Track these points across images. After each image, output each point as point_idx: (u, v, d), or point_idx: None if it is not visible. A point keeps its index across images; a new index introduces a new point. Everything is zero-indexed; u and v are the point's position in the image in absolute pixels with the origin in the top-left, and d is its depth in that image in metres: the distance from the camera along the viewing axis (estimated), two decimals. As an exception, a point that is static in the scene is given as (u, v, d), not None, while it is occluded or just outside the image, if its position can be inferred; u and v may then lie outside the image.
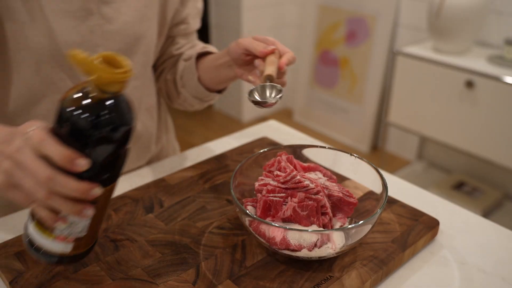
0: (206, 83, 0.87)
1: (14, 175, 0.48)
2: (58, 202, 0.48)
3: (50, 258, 0.54)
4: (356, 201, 0.67)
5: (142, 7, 0.79)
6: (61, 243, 0.52)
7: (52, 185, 0.46)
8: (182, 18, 0.90)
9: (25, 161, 0.47)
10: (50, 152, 0.46)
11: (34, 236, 0.52)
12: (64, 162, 0.46)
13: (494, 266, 0.67)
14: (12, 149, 0.48)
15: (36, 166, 0.46)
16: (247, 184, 0.70)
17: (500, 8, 1.98)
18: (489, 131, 1.81)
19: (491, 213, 2.04)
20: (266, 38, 0.72)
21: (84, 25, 0.73)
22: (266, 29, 2.90)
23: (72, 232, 0.52)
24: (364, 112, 2.65)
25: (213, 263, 0.63)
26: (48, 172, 0.46)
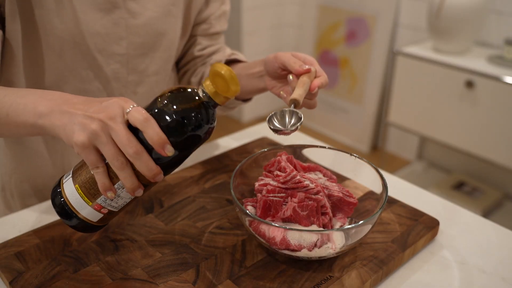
0: None
1: (99, 138, 0.51)
2: (126, 174, 0.52)
3: (72, 219, 0.57)
4: (356, 201, 0.67)
5: (168, 4, 0.80)
6: (94, 212, 0.56)
7: (135, 159, 0.51)
8: (204, 18, 0.89)
9: (119, 130, 0.51)
10: (151, 131, 0.51)
11: (71, 196, 0.56)
12: (158, 144, 0.51)
13: (494, 266, 0.67)
14: (105, 115, 0.52)
15: (129, 137, 0.51)
16: (247, 184, 0.70)
17: (500, 8, 1.98)
18: (489, 131, 1.81)
19: (491, 213, 2.04)
20: (305, 56, 0.71)
21: (109, 17, 0.74)
22: (266, 29, 2.90)
23: (110, 205, 0.57)
24: (364, 112, 2.64)
25: (213, 263, 0.63)
26: (138, 146, 0.51)
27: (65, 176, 0.58)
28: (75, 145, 0.52)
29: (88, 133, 0.51)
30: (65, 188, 0.56)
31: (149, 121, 0.52)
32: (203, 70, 0.91)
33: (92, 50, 0.75)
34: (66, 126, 0.53)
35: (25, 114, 0.57)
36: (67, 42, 0.73)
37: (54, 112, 0.55)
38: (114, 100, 0.53)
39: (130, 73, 0.81)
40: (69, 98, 0.56)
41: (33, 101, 0.57)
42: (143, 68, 0.82)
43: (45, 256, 0.64)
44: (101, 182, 0.53)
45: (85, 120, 0.52)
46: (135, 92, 0.83)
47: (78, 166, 0.57)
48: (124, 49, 0.78)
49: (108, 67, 0.78)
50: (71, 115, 0.53)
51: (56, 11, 0.70)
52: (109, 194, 0.54)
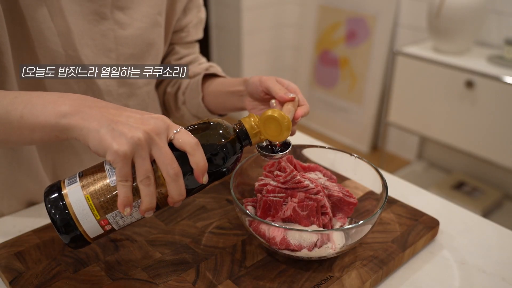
0: (209, 106, 0.86)
1: (142, 150, 0.49)
2: (149, 192, 0.50)
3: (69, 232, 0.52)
4: (356, 201, 0.67)
5: (155, 14, 0.80)
6: (97, 227, 0.53)
7: (172, 180, 0.50)
8: (182, 26, 0.89)
9: (164, 147, 0.50)
10: (199, 156, 0.51)
11: (77, 205, 0.51)
12: (201, 170, 0.52)
13: (494, 266, 0.67)
14: (151, 128, 0.50)
15: (172, 157, 0.50)
16: (247, 184, 0.70)
17: (500, 8, 1.98)
18: (489, 131, 1.81)
19: (491, 213, 2.04)
20: (289, 84, 0.70)
21: (97, 28, 0.74)
22: (266, 29, 2.90)
23: (116, 222, 0.54)
24: (364, 112, 2.64)
25: (213, 263, 0.63)
26: (179, 169, 0.50)
27: (67, 182, 0.53)
28: (114, 153, 0.47)
29: (132, 144, 0.48)
30: (70, 196, 0.51)
31: (199, 146, 0.51)
32: (180, 81, 0.91)
33: (83, 62, 0.73)
34: (101, 129, 0.48)
35: (45, 114, 0.51)
36: (59, 55, 0.71)
37: (81, 112, 0.50)
38: (158, 116, 0.52)
39: (120, 86, 0.80)
40: (96, 100, 0.53)
41: (54, 100, 0.52)
42: (133, 80, 0.81)
43: (45, 256, 0.64)
44: (124, 196, 0.49)
45: (127, 128, 0.48)
46: (127, 105, 0.82)
47: (89, 174, 0.53)
48: (113, 61, 0.77)
49: (100, 80, 0.76)
50: (105, 119, 0.49)
51: (48, 22, 0.68)
52: (127, 210, 0.50)
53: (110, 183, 0.51)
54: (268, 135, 0.58)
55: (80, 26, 0.72)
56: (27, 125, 0.52)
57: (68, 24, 0.70)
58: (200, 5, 0.91)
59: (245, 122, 0.58)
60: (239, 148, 0.57)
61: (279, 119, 0.57)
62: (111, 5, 0.74)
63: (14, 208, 0.80)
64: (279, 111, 0.57)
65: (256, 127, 0.58)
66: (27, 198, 0.81)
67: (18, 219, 0.75)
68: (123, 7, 0.76)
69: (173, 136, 0.51)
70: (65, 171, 0.83)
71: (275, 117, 0.57)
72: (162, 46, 0.84)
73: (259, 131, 0.58)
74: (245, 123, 0.58)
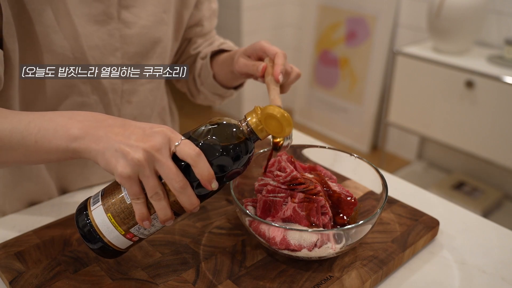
0: (221, 81, 0.88)
1: (144, 170, 0.50)
2: (162, 206, 0.51)
3: (98, 245, 0.55)
4: (356, 201, 0.67)
5: (160, 12, 0.80)
6: (125, 240, 0.55)
7: (180, 193, 0.51)
8: (196, 21, 0.91)
9: (166, 163, 0.50)
10: (202, 167, 0.51)
11: (102, 225, 0.54)
12: (207, 179, 0.51)
13: (494, 266, 0.67)
14: (151, 146, 0.50)
15: (177, 171, 0.51)
16: (247, 184, 0.70)
17: (500, 8, 1.98)
18: (489, 131, 1.81)
19: (491, 213, 2.04)
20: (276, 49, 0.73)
21: (104, 29, 0.74)
22: (266, 29, 2.90)
23: (142, 233, 0.56)
24: (364, 112, 2.64)
25: (213, 263, 0.63)
26: (185, 181, 0.51)
27: (92, 201, 0.56)
28: (119, 176, 0.50)
29: (133, 165, 0.49)
30: (95, 217, 0.54)
31: (200, 157, 0.51)
32: (195, 65, 0.93)
33: (91, 63, 0.74)
34: (106, 152, 0.51)
35: (56, 138, 0.54)
36: (67, 58, 0.71)
37: (89, 135, 0.52)
38: (159, 130, 0.52)
39: (124, 83, 0.80)
40: (102, 119, 0.54)
41: (63, 124, 0.54)
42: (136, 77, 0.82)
43: (45, 256, 0.64)
44: (140, 212, 0.52)
45: (129, 149, 0.50)
46: (130, 101, 0.83)
47: (108, 193, 0.55)
48: (119, 60, 0.77)
49: (106, 79, 0.77)
50: (110, 140, 0.51)
51: (55, 26, 0.69)
52: (145, 223, 0.53)
53: (126, 200, 0.54)
54: (271, 131, 0.58)
55: (88, 28, 0.72)
56: (43, 149, 0.55)
57: (76, 27, 0.70)
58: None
59: (250, 117, 0.57)
60: (249, 147, 0.56)
61: (279, 117, 0.56)
62: (117, 5, 0.74)
63: (16, 208, 0.81)
64: (278, 109, 0.56)
65: (260, 123, 0.57)
66: (29, 198, 0.81)
67: (18, 219, 0.75)
68: (129, 6, 0.76)
69: (175, 149, 0.52)
70: (68, 172, 0.83)
71: (275, 116, 0.56)
72: (169, 43, 0.85)
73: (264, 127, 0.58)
74: (250, 121, 0.56)
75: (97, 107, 0.79)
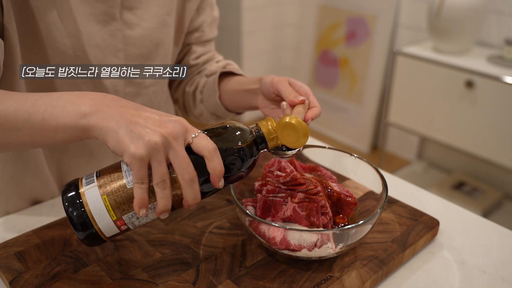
0: (226, 104, 0.87)
1: (158, 154, 0.49)
2: (165, 195, 0.51)
3: (86, 230, 0.53)
4: (356, 201, 0.67)
5: (163, 14, 0.80)
6: (113, 227, 0.54)
7: (188, 185, 0.50)
8: (197, 26, 0.90)
9: (181, 152, 0.50)
10: (217, 161, 0.51)
11: (94, 206, 0.52)
12: (218, 175, 0.52)
13: (494, 266, 0.67)
14: (169, 132, 0.49)
15: (189, 162, 0.50)
16: (247, 184, 0.70)
17: (500, 8, 1.98)
18: (489, 131, 1.81)
19: (491, 213, 2.04)
20: (301, 85, 0.70)
21: (106, 29, 0.74)
22: (266, 29, 2.90)
23: (132, 223, 0.54)
24: (364, 112, 2.64)
25: (213, 263, 0.63)
26: (194, 173, 0.51)
27: (85, 181, 0.54)
28: (131, 156, 0.48)
29: (149, 147, 0.48)
30: (87, 195, 0.52)
31: (216, 151, 0.51)
32: (198, 80, 0.91)
33: (92, 63, 0.74)
34: (120, 130, 0.49)
35: (65, 115, 0.51)
36: (68, 56, 0.71)
37: (100, 111, 0.50)
38: (177, 119, 0.51)
39: (127, 85, 0.80)
40: (115, 99, 0.53)
41: (73, 100, 0.52)
42: (140, 79, 0.81)
43: (45, 256, 0.64)
44: (140, 198, 0.50)
45: (145, 131, 0.49)
46: None
47: (106, 175, 0.53)
48: (121, 61, 0.77)
49: (108, 80, 0.77)
50: (124, 119, 0.49)
51: (57, 24, 0.69)
52: (142, 211, 0.51)
53: (126, 184, 0.52)
54: (285, 141, 0.58)
55: (90, 27, 0.72)
56: (49, 127, 0.53)
57: (78, 25, 0.70)
58: (213, 4, 0.91)
59: (263, 126, 0.58)
60: (256, 153, 0.57)
61: (297, 126, 0.57)
62: (120, 6, 0.74)
63: (19, 207, 0.81)
64: (296, 118, 0.57)
65: (273, 131, 0.57)
66: (32, 197, 0.81)
67: (18, 219, 0.75)
68: (132, 7, 0.76)
69: (191, 140, 0.51)
70: (70, 171, 0.83)
71: (292, 124, 0.57)
72: (171, 46, 0.84)
73: (276, 136, 0.58)
74: (262, 127, 0.58)
75: None
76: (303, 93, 0.69)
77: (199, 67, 0.93)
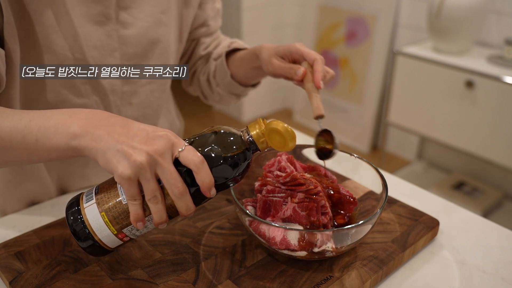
0: (240, 80, 0.89)
1: (145, 173, 0.50)
2: (158, 209, 0.52)
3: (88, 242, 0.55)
4: (356, 201, 0.67)
5: (158, 13, 0.80)
6: (116, 239, 0.55)
7: (178, 199, 0.51)
8: (201, 22, 0.91)
9: (168, 168, 0.50)
10: (204, 174, 0.52)
11: (94, 223, 0.54)
12: (207, 187, 0.52)
13: (494, 266, 0.67)
14: (154, 150, 0.50)
15: (177, 177, 0.51)
16: (247, 184, 0.70)
17: (500, 8, 1.98)
18: (489, 131, 1.81)
19: (491, 213, 2.04)
20: (309, 52, 0.74)
21: (103, 29, 0.74)
22: (266, 29, 2.90)
23: (134, 234, 0.56)
24: (364, 112, 2.64)
25: (213, 263, 0.63)
26: (184, 187, 0.51)
27: (85, 198, 0.55)
28: (119, 176, 0.49)
29: (135, 167, 0.49)
30: (88, 214, 0.54)
31: (203, 164, 0.52)
32: (208, 66, 0.93)
33: (91, 63, 0.74)
34: (107, 151, 0.50)
35: (56, 137, 0.53)
36: (67, 58, 0.71)
37: (89, 133, 0.52)
38: (163, 134, 0.52)
39: (124, 84, 0.80)
40: (104, 117, 0.54)
41: (63, 122, 0.54)
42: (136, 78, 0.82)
43: (45, 256, 0.64)
44: (135, 213, 0.52)
45: (132, 151, 0.49)
46: (131, 103, 0.83)
47: (103, 192, 0.55)
48: (118, 61, 0.77)
49: (105, 80, 0.77)
50: (111, 139, 0.50)
51: (55, 27, 0.69)
52: (139, 225, 0.53)
53: (122, 200, 0.53)
54: (274, 146, 0.58)
55: (86, 28, 0.72)
56: (43, 148, 0.55)
57: (75, 27, 0.70)
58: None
59: (252, 129, 0.57)
60: (249, 156, 0.57)
61: (283, 132, 0.56)
62: (115, 6, 0.74)
63: (17, 208, 0.81)
64: (282, 124, 0.56)
65: (262, 135, 0.57)
66: (30, 198, 0.81)
67: (18, 219, 0.75)
68: (127, 7, 0.76)
69: (178, 154, 0.52)
70: (69, 175, 0.83)
71: (278, 131, 0.56)
72: (169, 44, 0.85)
73: (265, 140, 0.58)
74: (251, 130, 0.57)
75: (97, 108, 0.79)
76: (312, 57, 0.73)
77: (209, 55, 0.94)
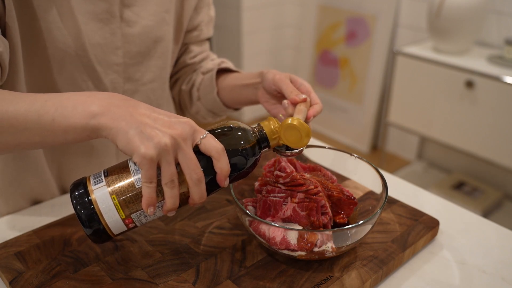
0: (224, 99, 0.87)
1: (168, 155, 0.49)
2: (173, 194, 0.51)
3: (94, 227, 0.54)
4: (356, 201, 0.67)
5: (162, 12, 0.80)
6: (123, 225, 0.55)
7: (195, 185, 0.52)
8: (195, 25, 0.90)
9: (190, 153, 0.51)
10: (224, 162, 0.53)
11: (103, 205, 0.53)
12: (224, 175, 0.53)
13: (494, 266, 0.67)
14: (178, 133, 0.50)
15: (197, 163, 0.51)
16: (247, 184, 0.70)
17: (500, 8, 1.98)
18: (489, 131, 1.81)
19: (491, 213, 2.04)
20: (302, 82, 0.71)
21: (107, 27, 0.74)
22: (266, 29, 2.90)
23: (140, 221, 0.55)
24: (364, 112, 2.64)
25: (213, 263, 0.63)
26: (202, 174, 0.52)
27: (93, 180, 0.54)
28: (141, 156, 0.48)
29: (159, 148, 0.49)
30: (97, 195, 0.53)
31: (224, 152, 0.53)
32: (194, 78, 0.92)
33: (92, 61, 0.74)
34: (130, 131, 0.49)
35: (75, 116, 0.51)
36: (68, 55, 0.71)
37: (110, 112, 0.51)
38: (186, 120, 0.52)
39: (125, 82, 0.80)
40: (125, 99, 0.53)
41: (83, 101, 0.52)
42: (138, 76, 0.82)
43: (45, 256, 0.64)
44: (149, 196, 0.51)
45: (155, 132, 0.49)
46: None
47: (114, 174, 0.54)
48: (120, 59, 0.77)
49: (107, 78, 0.77)
50: (134, 120, 0.50)
51: (58, 23, 0.69)
52: (150, 209, 0.52)
53: (135, 183, 0.53)
54: (288, 142, 0.60)
55: (90, 25, 0.72)
56: (60, 128, 0.53)
57: (79, 24, 0.70)
58: (210, 3, 0.92)
59: (265, 126, 0.59)
60: (258, 152, 0.59)
61: (300, 127, 0.59)
62: (120, 4, 0.74)
63: (19, 207, 0.81)
64: (298, 120, 0.59)
65: (276, 131, 0.59)
66: (32, 197, 0.81)
67: (18, 219, 0.75)
68: (130, 5, 0.76)
69: (200, 141, 0.52)
70: (70, 171, 0.83)
71: (295, 126, 0.59)
72: (170, 44, 0.85)
73: (278, 136, 0.60)
74: (265, 127, 0.59)
75: None
76: (304, 91, 0.70)
77: (195, 66, 0.93)
